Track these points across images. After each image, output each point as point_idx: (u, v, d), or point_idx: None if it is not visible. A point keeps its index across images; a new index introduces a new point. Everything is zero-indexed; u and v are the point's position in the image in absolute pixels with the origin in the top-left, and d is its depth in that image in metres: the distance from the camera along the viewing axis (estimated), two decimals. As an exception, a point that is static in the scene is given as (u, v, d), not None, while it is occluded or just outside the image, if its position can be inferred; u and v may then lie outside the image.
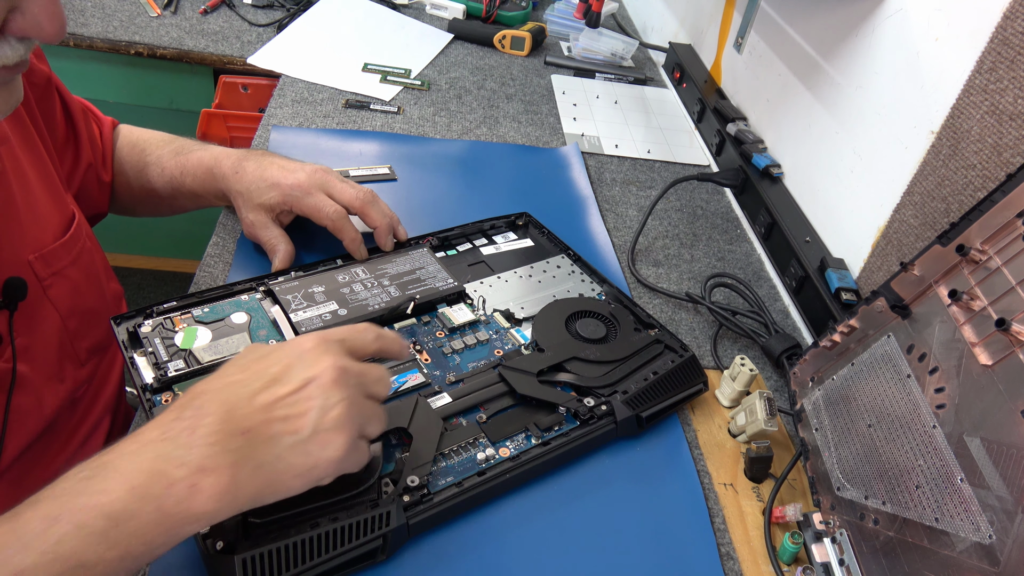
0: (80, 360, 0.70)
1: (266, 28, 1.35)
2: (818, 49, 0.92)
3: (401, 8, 1.46)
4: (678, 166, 1.14)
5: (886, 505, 0.53)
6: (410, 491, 0.54)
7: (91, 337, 0.71)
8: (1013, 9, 0.60)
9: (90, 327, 0.71)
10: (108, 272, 0.77)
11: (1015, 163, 0.59)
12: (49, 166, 0.69)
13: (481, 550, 0.55)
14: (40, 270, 0.65)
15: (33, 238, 0.65)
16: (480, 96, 1.22)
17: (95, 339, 0.72)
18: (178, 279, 2.10)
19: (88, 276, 0.71)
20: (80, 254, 0.70)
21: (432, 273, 0.76)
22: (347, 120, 1.07)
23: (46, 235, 0.66)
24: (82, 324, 0.70)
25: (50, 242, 0.66)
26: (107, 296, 0.75)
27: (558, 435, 0.62)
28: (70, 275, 0.68)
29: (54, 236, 0.67)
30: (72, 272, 0.68)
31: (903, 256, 0.72)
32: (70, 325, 0.68)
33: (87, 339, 0.71)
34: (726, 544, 0.60)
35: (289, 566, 0.48)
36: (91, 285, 0.72)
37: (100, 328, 0.72)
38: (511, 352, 0.69)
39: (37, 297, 0.64)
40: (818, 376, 0.66)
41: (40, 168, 0.68)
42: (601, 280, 0.80)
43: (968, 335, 0.49)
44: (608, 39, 1.39)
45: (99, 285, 0.73)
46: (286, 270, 0.74)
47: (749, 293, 0.82)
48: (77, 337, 0.69)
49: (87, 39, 1.23)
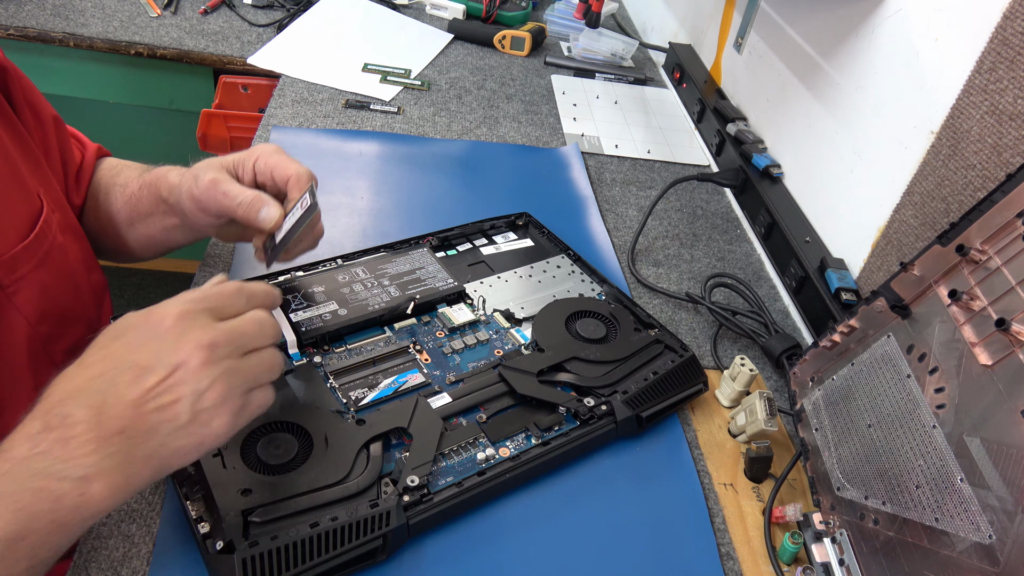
0: (55, 363, 0.64)
1: (266, 28, 1.35)
2: (818, 49, 0.92)
3: (401, 8, 1.46)
4: (678, 166, 1.14)
5: (886, 505, 0.53)
6: (410, 491, 0.54)
7: (68, 338, 0.66)
8: (1013, 9, 0.60)
9: (66, 328, 0.66)
10: (89, 263, 0.71)
11: (1015, 163, 0.59)
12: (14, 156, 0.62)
13: (481, 550, 0.55)
14: (3, 277, 0.59)
15: None
16: (480, 96, 1.22)
17: (72, 339, 0.67)
18: (178, 279, 2.10)
19: (60, 275, 0.65)
20: (49, 252, 0.63)
21: (432, 273, 0.76)
22: (347, 120, 1.07)
23: (8, 239, 0.60)
24: (56, 327, 0.65)
25: (13, 245, 0.60)
26: (85, 292, 0.68)
27: (558, 435, 0.62)
28: (37, 277, 0.62)
29: (19, 237, 0.61)
30: (39, 274, 0.62)
31: (903, 256, 0.72)
32: (41, 331, 0.63)
33: (63, 340, 0.66)
34: (726, 544, 0.60)
35: (289, 566, 0.48)
36: (64, 284, 0.66)
37: (78, 327, 0.67)
38: (511, 352, 0.69)
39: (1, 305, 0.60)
40: (818, 376, 0.67)
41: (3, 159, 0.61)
42: (601, 280, 0.80)
43: (968, 335, 0.49)
44: (608, 39, 1.39)
45: (74, 282, 0.68)
46: (286, 270, 0.73)
47: (749, 293, 0.82)
48: (51, 341, 0.64)
49: (87, 39, 1.23)
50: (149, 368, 0.44)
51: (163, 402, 0.44)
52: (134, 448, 0.43)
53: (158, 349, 0.45)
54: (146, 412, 0.43)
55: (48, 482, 0.40)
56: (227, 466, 0.53)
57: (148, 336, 0.45)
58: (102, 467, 0.41)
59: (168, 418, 0.44)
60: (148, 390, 0.44)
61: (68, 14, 1.27)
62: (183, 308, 0.46)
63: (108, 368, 0.44)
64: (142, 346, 0.45)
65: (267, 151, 0.66)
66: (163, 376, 0.44)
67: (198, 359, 0.44)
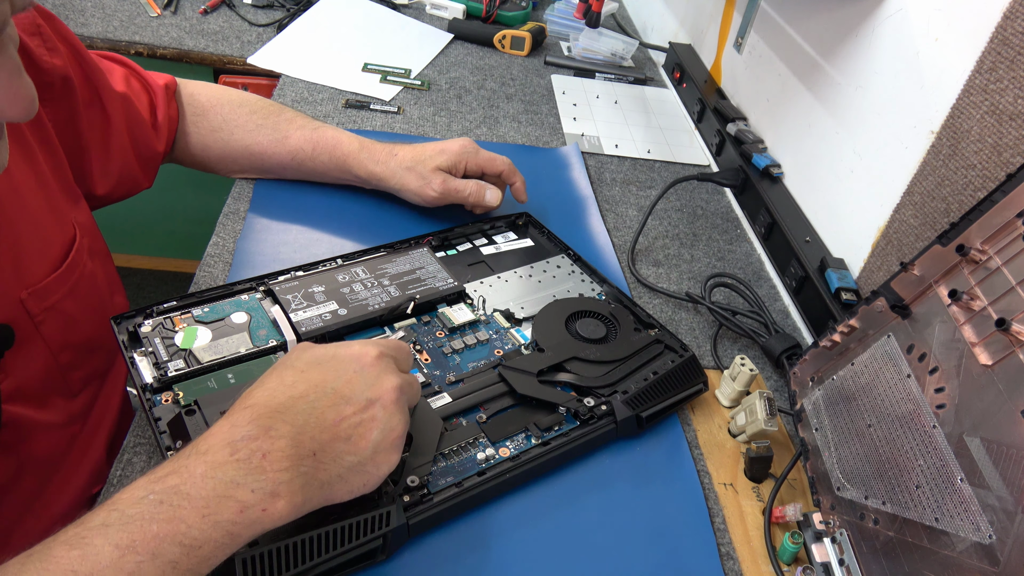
0: (72, 391, 0.67)
1: (266, 28, 1.35)
2: (818, 49, 0.92)
3: (401, 8, 1.46)
4: (678, 166, 1.14)
5: (886, 505, 0.53)
6: (410, 491, 0.54)
7: (87, 367, 0.68)
8: (1013, 9, 0.60)
9: (87, 357, 0.68)
10: (113, 286, 0.73)
11: (1015, 163, 0.59)
12: (52, 183, 0.65)
13: (481, 550, 0.55)
14: (32, 307, 0.61)
15: (28, 271, 0.61)
16: (480, 96, 1.22)
17: (90, 368, 0.69)
18: (178, 279, 2.10)
19: (85, 306, 0.67)
20: (78, 281, 0.66)
21: (432, 273, 0.76)
22: (347, 120, 1.07)
23: (42, 266, 0.62)
24: (77, 356, 0.66)
25: (46, 274, 0.62)
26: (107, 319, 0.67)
27: (558, 435, 0.62)
28: (65, 308, 0.64)
29: (52, 266, 0.63)
30: (67, 304, 0.64)
31: (903, 256, 0.72)
32: (62, 359, 0.64)
33: (82, 369, 0.68)
34: (726, 544, 0.60)
35: (289, 566, 0.48)
36: (88, 314, 0.67)
37: (99, 355, 0.69)
38: (511, 352, 0.69)
39: (28, 335, 0.60)
40: (818, 376, 0.66)
41: (42, 188, 0.63)
42: (601, 280, 0.80)
43: (968, 335, 0.49)
44: (608, 39, 1.39)
45: (100, 310, 0.69)
46: (286, 269, 0.73)
47: (749, 293, 0.82)
48: (71, 369, 0.66)
49: (87, 39, 1.23)
50: (349, 398, 0.47)
51: (354, 433, 0.47)
52: (318, 472, 0.45)
53: (359, 383, 0.48)
54: (338, 438, 0.46)
55: (239, 492, 0.41)
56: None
57: (351, 369, 0.49)
58: (291, 486, 0.43)
59: (353, 450, 0.46)
60: (344, 417, 0.47)
61: (68, 14, 1.27)
62: (381, 351, 0.51)
63: (310, 391, 0.47)
64: (341, 376, 0.48)
65: (471, 153, 0.84)
66: (360, 407, 0.47)
67: (391, 398, 0.48)
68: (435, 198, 0.83)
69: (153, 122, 0.80)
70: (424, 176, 0.83)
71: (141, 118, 0.77)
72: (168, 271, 2.12)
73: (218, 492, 0.41)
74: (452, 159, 0.83)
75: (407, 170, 0.83)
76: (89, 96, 0.70)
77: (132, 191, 0.79)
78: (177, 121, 0.83)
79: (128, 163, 0.77)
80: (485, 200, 0.84)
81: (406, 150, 0.84)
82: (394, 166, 0.83)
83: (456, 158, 0.83)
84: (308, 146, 0.85)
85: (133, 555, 0.38)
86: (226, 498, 0.41)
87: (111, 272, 0.74)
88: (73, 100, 0.68)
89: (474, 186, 0.84)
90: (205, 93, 0.86)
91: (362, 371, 0.49)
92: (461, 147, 0.84)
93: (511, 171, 0.86)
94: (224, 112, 0.85)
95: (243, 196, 0.87)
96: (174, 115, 0.83)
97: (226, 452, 0.42)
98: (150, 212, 1.85)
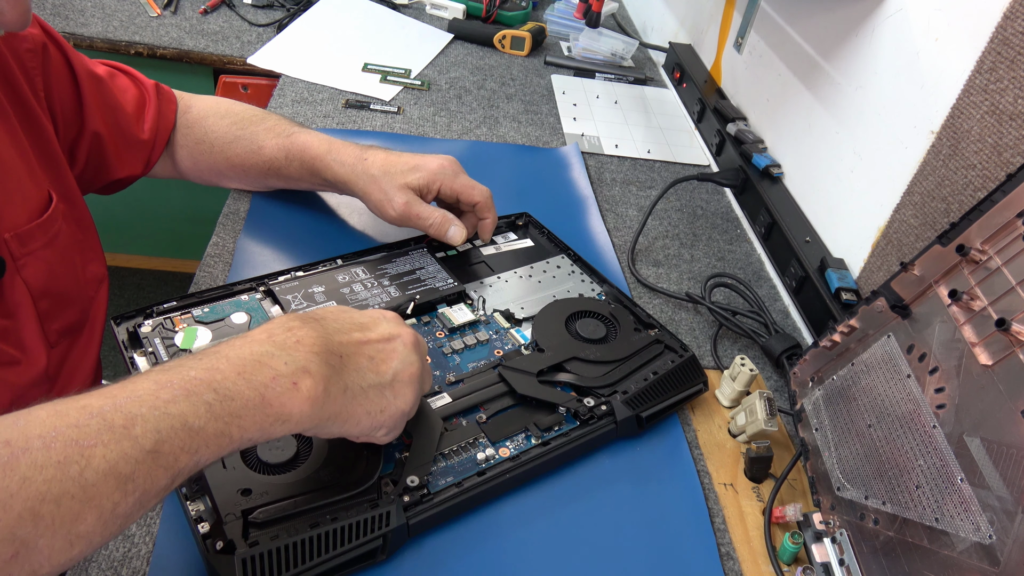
0: (50, 342, 0.68)
1: (266, 28, 1.35)
2: (818, 49, 0.92)
3: (401, 8, 1.46)
4: (678, 166, 1.14)
5: (886, 505, 0.53)
6: (410, 491, 0.54)
7: (63, 319, 0.69)
8: (1013, 9, 0.60)
9: (63, 308, 0.69)
10: (90, 253, 0.74)
11: (1015, 163, 0.59)
12: (26, 144, 0.66)
13: (481, 550, 0.55)
14: (15, 249, 0.63)
15: (8, 217, 0.63)
16: (480, 96, 1.22)
17: (67, 321, 0.70)
18: (178, 279, 2.10)
19: (63, 258, 0.69)
20: (56, 235, 0.68)
21: (432, 273, 0.76)
22: (347, 120, 1.07)
23: (22, 215, 0.64)
24: (53, 305, 0.68)
25: (25, 222, 0.64)
26: (82, 279, 0.72)
27: (558, 435, 0.62)
28: (44, 256, 0.66)
29: (29, 216, 0.65)
30: (46, 254, 0.66)
31: (903, 256, 0.72)
32: (41, 306, 0.67)
33: (58, 320, 0.69)
34: (726, 544, 0.60)
35: (289, 566, 0.48)
36: (66, 268, 0.70)
37: (73, 310, 0.71)
38: (511, 352, 0.69)
39: (10, 275, 0.63)
40: (818, 376, 0.66)
41: (17, 146, 0.65)
42: (601, 280, 0.80)
43: (968, 335, 0.49)
44: (608, 39, 1.39)
45: (74, 268, 0.71)
46: (286, 270, 0.73)
47: (749, 293, 0.82)
48: (48, 318, 0.68)
49: (87, 39, 1.23)
50: (372, 328, 0.52)
51: (377, 355, 0.51)
52: (343, 373, 0.48)
53: (382, 324, 0.53)
54: (362, 354, 0.50)
55: (273, 361, 0.45)
56: (227, 466, 0.53)
57: (372, 315, 0.54)
58: (318, 369, 0.46)
59: (376, 370, 0.50)
60: (368, 341, 0.51)
61: (68, 14, 1.27)
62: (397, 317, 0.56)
63: (337, 318, 0.52)
64: (366, 316, 0.53)
65: (448, 175, 0.77)
66: (382, 337, 0.52)
67: (411, 339, 0.53)
68: (393, 218, 0.76)
69: (137, 111, 0.79)
70: (387, 192, 0.75)
71: (116, 102, 0.77)
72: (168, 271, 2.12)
73: (254, 357, 0.45)
74: (425, 179, 0.76)
75: (371, 179, 0.76)
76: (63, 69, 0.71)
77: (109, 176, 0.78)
78: (172, 122, 0.82)
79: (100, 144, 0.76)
80: (447, 236, 0.76)
81: (378, 156, 0.77)
82: (360, 171, 0.76)
83: (430, 178, 0.76)
84: (281, 154, 0.80)
85: (169, 389, 0.41)
86: (261, 364, 0.44)
87: (93, 241, 0.75)
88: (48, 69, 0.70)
89: (439, 217, 0.76)
90: (197, 106, 0.84)
91: (384, 318, 0.54)
92: (439, 166, 0.77)
93: (487, 206, 0.78)
94: (208, 124, 0.82)
95: (243, 196, 0.87)
96: (167, 112, 0.82)
97: (264, 335, 0.47)
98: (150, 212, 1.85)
